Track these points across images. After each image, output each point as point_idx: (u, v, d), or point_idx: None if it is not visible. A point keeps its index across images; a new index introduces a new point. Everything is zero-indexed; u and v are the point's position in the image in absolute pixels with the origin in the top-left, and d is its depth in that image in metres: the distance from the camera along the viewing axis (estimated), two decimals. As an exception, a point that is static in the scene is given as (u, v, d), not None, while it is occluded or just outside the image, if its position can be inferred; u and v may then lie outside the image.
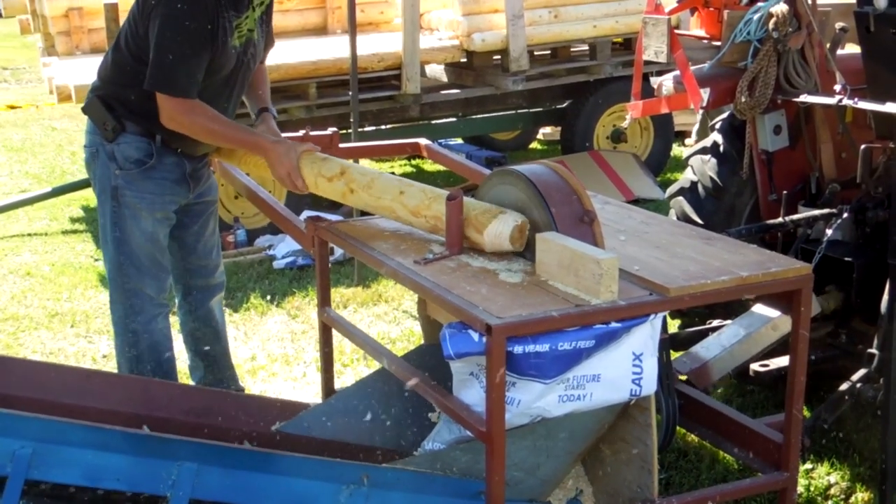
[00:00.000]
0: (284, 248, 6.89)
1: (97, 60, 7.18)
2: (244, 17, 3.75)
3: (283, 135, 3.88)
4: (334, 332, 3.60)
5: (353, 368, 5.12)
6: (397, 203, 3.24)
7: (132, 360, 3.94)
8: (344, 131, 6.18)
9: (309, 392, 4.81)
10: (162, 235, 3.93)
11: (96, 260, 6.93)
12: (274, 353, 5.35)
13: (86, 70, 7.02)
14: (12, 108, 11.35)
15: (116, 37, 3.86)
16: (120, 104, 3.80)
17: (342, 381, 4.75)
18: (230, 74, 3.80)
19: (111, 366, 5.18)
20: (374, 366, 4.78)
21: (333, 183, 3.46)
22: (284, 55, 6.70)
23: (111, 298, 3.98)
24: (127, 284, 3.89)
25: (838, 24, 4.60)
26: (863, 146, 4.18)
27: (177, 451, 2.66)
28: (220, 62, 3.70)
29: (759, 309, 3.94)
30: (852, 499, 3.97)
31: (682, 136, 9.71)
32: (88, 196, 8.54)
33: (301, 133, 3.95)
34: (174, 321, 4.19)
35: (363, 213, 3.62)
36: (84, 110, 3.90)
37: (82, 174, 9.19)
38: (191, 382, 4.31)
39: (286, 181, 3.59)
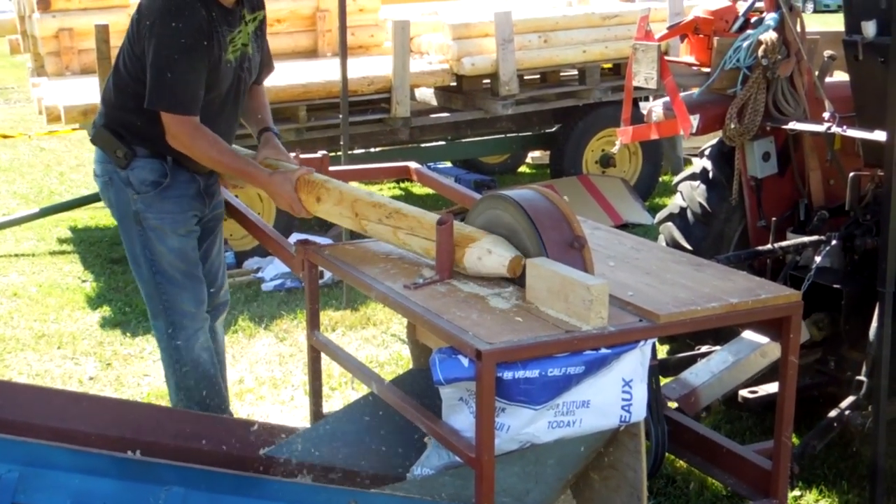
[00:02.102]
0: (273, 271, 6.87)
1: (87, 81, 7.20)
2: (237, 32, 3.77)
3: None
4: (323, 355, 3.59)
5: (341, 392, 5.10)
6: (390, 226, 3.25)
7: (179, 375, 3.97)
8: (334, 154, 6.17)
9: (297, 416, 4.79)
10: (191, 248, 3.95)
11: (84, 281, 6.91)
12: (262, 376, 5.33)
13: (75, 91, 7.01)
14: (4, 136, 11.36)
15: (115, 60, 3.87)
16: (127, 130, 3.81)
17: (330, 405, 4.71)
18: (227, 90, 3.81)
19: (98, 388, 5.16)
20: (363, 390, 4.76)
21: (331, 208, 3.46)
22: (274, 78, 6.66)
23: (153, 317, 4.00)
24: (167, 303, 3.92)
25: (827, 52, 4.63)
26: (851, 174, 4.21)
27: (164, 475, 2.64)
28: (216, 78, 3.72)
29: (749, 335, 3.94)
30: (841, 526, 3.97)
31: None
32: (76, 217, 8.52)
33: (291, 156, 3.96)
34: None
35: (354, 236, 3.62)
36: (93, 141, 3.91)
37: (70, 195, 9.18)
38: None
39: (289, 210, 3.63)
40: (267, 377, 5.29)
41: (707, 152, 4.81)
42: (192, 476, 2.66)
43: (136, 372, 5.39)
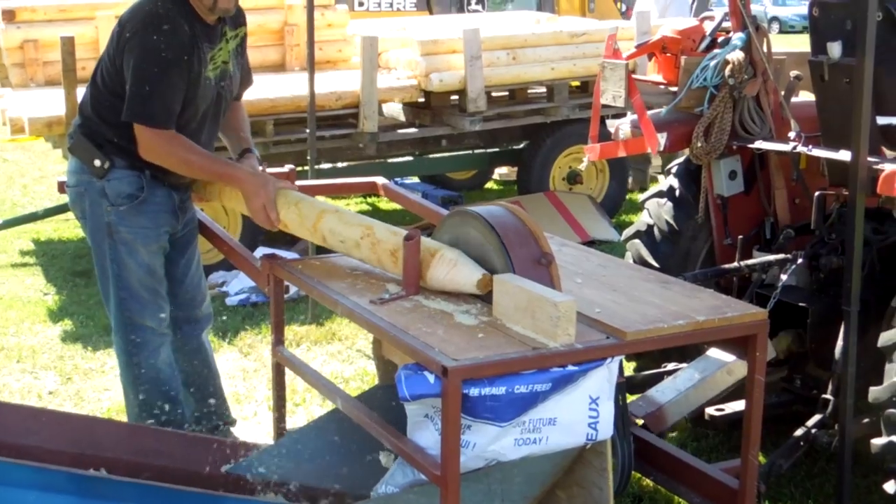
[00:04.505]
0: (238, 285, 6.83)
1: (52, 93, 7.13)
2: (218, 49, 3.75)
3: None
4: (287, 370, 3.56)
5: (305, 408, 5.06)
6: (364, 243, 3.23)
7: (138, 393, 3.93)
8: (301, 168, 6.16)
9: (260, 432, 4.74)
10: (158, 265, 3.93)
11: (45, 294, 6.83)
12: (225, 391, 5.28)
13: (40, 102, 6.94)
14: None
15: (94, 72, 3.85)
16: (105, 140, 3.79)
17: (294, 420, 4.69)
18: (207, 107, 3.79)
19: (57, 403, 5.10)
20: (328, 406, 4.72)
21: (305, 224, 3.44)
22: (242, 91, 6.67)
23: (115, 333, 3.97)
24: (130, 319, 3.89)
25: (793, 73, 4.66)
26: (816, 193, 4.23)
27: (123, 492, 2.60)
28: (195, 94, 3.70)
29: (715, 353, 3.95)
30: (805, 545, 3.97)
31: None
32: (39, 229, 8.42)
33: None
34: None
35: (320, 251, 3.60)
36: (71, 150, 3.87)
37: (33, 206, 9.07)
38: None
39: (260, 214, 3.56)
40: (230, 392, 5.24)
41: (674, 170, 4.83)
42: (152, 494, 2.63)
43: (96, 386, 5.33)
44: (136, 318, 3.89)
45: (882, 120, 4.02)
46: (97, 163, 3.78)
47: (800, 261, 4.24)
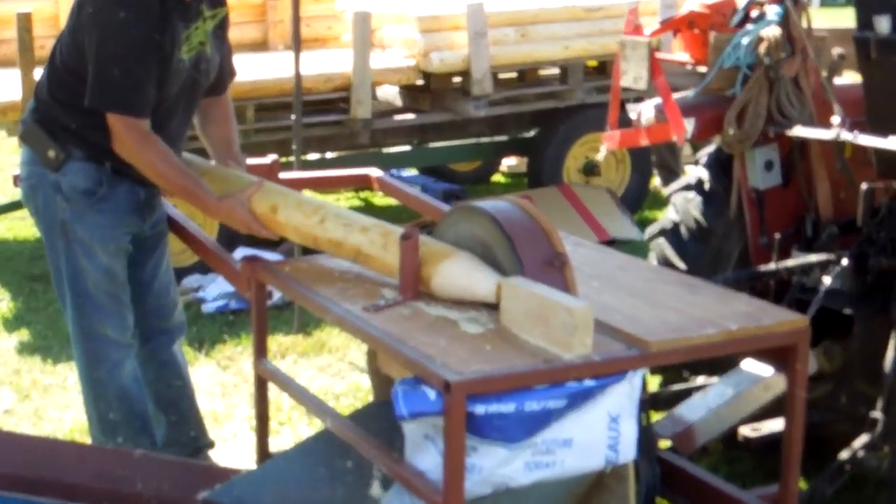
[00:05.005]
0: (215, 290, 6.83)
1: (6, 74, 7.12)
2: (194, 28, 3.74)
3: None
4: (271, 385, 3.56)
5: (291, 428, 5.06)
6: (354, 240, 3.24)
7: (101, 411, 3.94)
8: (285, 159, 6.15)
9: (241, 455, 4.75)
10: (119, 268, 3.92)
11: (-1, 301, 6.84)
12: (201, 409, 5.27)
13: (-7, 85, 6.94)
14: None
15: (52, 52, 3.83)
16: (62, 128, 3.77)
17: (279, 442, 4.69)
18: (178, 93, 3.78)
19: (13, 423, 5.10)
20: (317, 425, 4.72)
21: (287, 222, 3.45)
22: (219, 73, 6.68)
23: (74, 346, 3.97)
24: (88, 328, 3.89)
25: (836, 50, 4.66)
26: (863, 185, 4.23)
27: (87, 523, 2.60)
28: (166, 78, 3.69)
29: (749, 366, 3.95)
30: (851, 580, 3.97)
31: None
32: (-8, 228, 8.43)
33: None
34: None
35: (307, 251, 3.61)
36: (22, 139, 3.86)
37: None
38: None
39: (251, 234, 3.59)
40: (207, 410, 5.23)
41: (703, 161, 4.83)
42: (119, 524, 2.62)
43: (57, 404, 5.33)
44: (96, 328, 3.89)
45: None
46: (51, 153, 3.76)
47: (845, 262, 4.24)
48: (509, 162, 10.35)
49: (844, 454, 3.91)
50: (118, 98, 3.60)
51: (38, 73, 4.44)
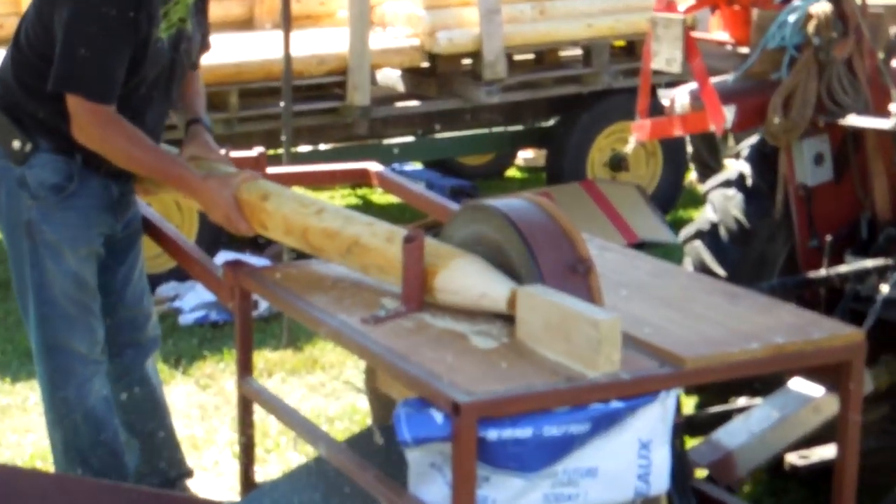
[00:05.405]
0: (193, 300, 6.84)
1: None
2: (173, 3, 3.75)
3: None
4: (256, 407, 3.57)
5: (279, 455, 5.07)
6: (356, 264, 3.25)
7: (66, 435, 3.93)
8: (273, 152, 6.17)
9: (222, 486, 4.76)
10: (90, 274, 3.93)
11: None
12: (179, 433, 5.28)
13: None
14: None
15: (16, 32, 3.86)
16: (28, 116, 3.79)
17: (266, 471, 4.69)
18: (157, 77, 3.80)
19: (-33, 449, 5.11)
20: (308, 452, 4.72)
21: (279, 235, 3.44)
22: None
23: (36, 360, 3.98)
24: (53, 342, 3.89)
25: (894, 29, 4.66)
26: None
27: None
28: (143, 59, 3.71)
29: (797, 386, 3.95)
30: None
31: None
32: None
33: (222, 152, 3.94)
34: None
35: (299, 256, 3.62)
36: None
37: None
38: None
39: (226, 225, 3.59)
40: (185, 435, 5.25)
41: (745, 153, 4.83)
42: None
43: (16, 427, 5.34)
44: (62, 341, 3.89)
45: None
46: (16, 144, 3.78)
47: (905, 268, 4.25)
48: (526, 155, 10.36)
49: (904, 484, 3.92)
50: (81, 80, 3.61)
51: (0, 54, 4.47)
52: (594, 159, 8.67)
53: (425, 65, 8.02)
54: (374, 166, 4.48)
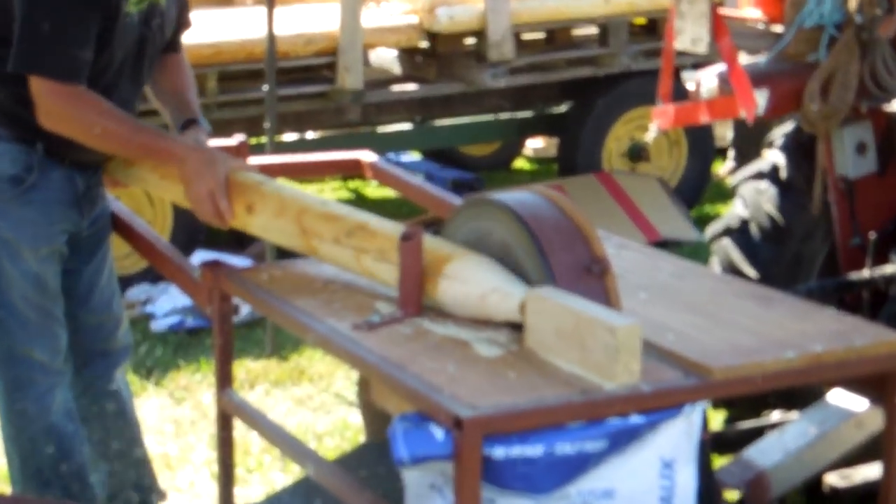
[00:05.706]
0: (167, 304, 6.86)
1: None
2: None
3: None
4: (237, 422, 3.57)
5: (262, 475, 5.08)
6: (350, 248, 3.24)
7: (25, 452, 3.93)
8: (255, 140, 6.17)
9: (199, 508, 4.77)
10: (51, 276, 3.92)
11: None
12: (150, 450, 5.29)
13: None
14: None
15: None
16: None
17: (247, 493, 4.71)
18: (126, 55, 3.80)
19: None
20: (294, 472, 4.72)
21: (267, 221, 3.44)
22: (173, 33, 6.70)
23: None
24: (10, 350, 3.89)
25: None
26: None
27: None
28: (110, 36, 3.70)
29: (837, 398, 3.95)
30: None
31: (723, 153, 9.79)
32: None
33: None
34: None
35: (282, 255, 3.61)
36: None
37: None
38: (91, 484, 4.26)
39: (205, 204, 3.55)
40: (158, 453, 5.26)
41: (778, 143, 4.83)
42: None
43: (-28, 445, 5.35)
44: (20, 349, 3.89)
45: None
46: None
47: (956, 268, 4.25)
48: (535, 144, 10.38)
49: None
50: (45, 59, 3.61)
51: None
52: (611, 149, 8.69)
53: (424, 44, 8.04)
54: (367, 156, 4.47)
